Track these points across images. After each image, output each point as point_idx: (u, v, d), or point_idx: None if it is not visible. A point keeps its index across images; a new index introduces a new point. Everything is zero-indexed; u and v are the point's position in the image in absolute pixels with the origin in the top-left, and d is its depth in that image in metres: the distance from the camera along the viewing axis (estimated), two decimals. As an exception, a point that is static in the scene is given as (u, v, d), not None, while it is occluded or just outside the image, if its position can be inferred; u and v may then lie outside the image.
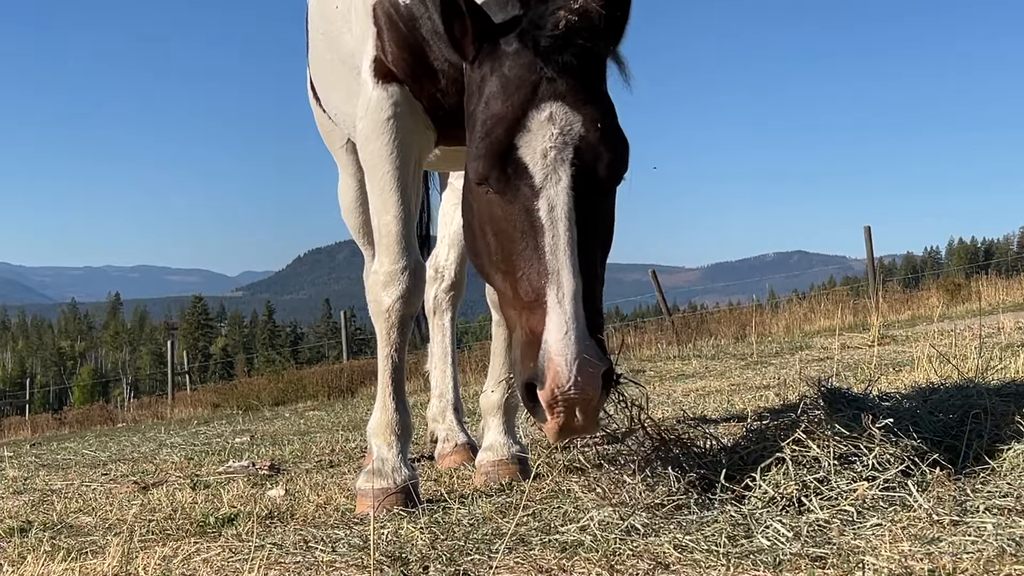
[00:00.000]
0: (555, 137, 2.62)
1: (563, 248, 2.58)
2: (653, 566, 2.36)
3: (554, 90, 2.65)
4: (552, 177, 2.61)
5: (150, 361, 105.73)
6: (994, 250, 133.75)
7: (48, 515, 4.27)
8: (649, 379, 9.62)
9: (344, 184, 4.92)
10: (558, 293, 2.54)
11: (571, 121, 2.64)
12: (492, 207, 2.71)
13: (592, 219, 2.67)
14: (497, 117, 2.66)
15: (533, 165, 2.62)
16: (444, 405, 4.94)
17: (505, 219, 2.67)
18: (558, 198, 2.61)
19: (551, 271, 2.57)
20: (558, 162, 2.61)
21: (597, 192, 2.69)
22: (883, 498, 2.65)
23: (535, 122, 2.63)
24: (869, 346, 10.13)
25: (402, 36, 3.39)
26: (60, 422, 24.78)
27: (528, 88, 2.66)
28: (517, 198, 2.64)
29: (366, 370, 18.69)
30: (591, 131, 2.64)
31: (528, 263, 2.62)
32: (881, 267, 47.57)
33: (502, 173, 2.65)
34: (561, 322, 2.50)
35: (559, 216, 2.60)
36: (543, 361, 2.49)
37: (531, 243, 2.62)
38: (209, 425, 12.16)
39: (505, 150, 2.64)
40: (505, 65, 2.72)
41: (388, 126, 3.48)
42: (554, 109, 2.64)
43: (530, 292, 2.60)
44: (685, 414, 5.82)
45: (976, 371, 4.64)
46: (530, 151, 2.62)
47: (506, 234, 2.68)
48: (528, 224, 2.63)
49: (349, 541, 2.89)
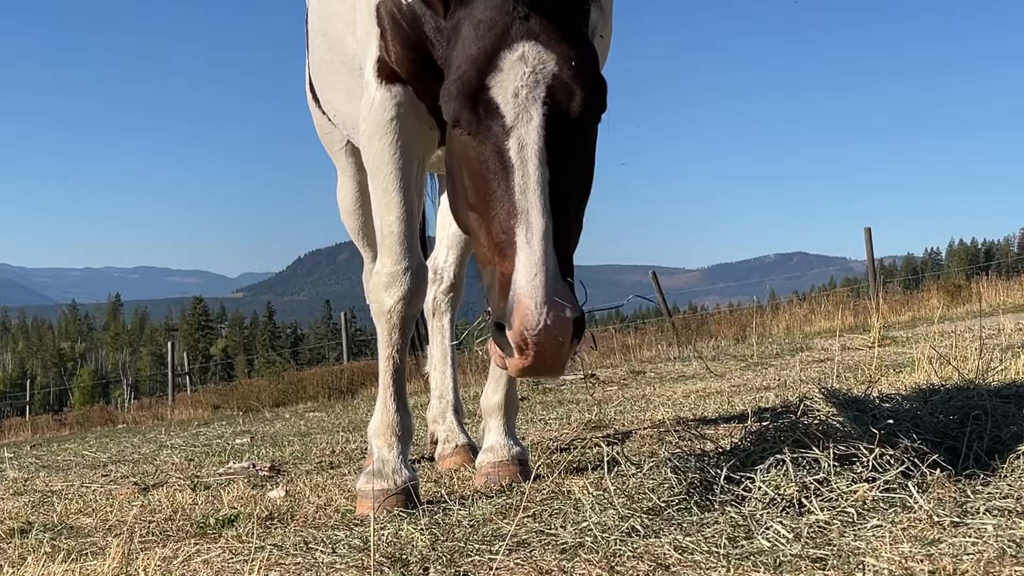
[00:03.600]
0: (526, 76, 2.59)
1: (533, 188, 2.54)
2: (653, 567, 2.36)
3: (527, 29, 2.63)
4: (523, 116, 2.59)
5: (150, 362, 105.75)
6: (994, 251, 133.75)
7: (48, 516, 4.27)
8: (649, 380, 9.63)
9: (343, 186, 4.92)
10: (527, 233, 2.50)
11: (543, 60, 2.61)
12: (466, 149, 2.68)
13: (566, 158, 2.64)
14: (470, 58, 2.64)
15: (504, 105, 2.59)
16: (444, 406, 4.94)
17: (478, 160, 2.64)
18: (528, 137, 2.58)
19: (520, 211, 2.53)
20: (529, 101, 2.59)
21: (571, 131, 2.65)
22: (883, 499, 2.65)
23: (507, 62, 2.61)
24: (869, 347, 10.12)
25: (405, 36, 3.39)
26: (60, 423, 24.79)
27: (500, 29, 2.64)
28: (488, 138, 2.61)
29: (366, 371, 18.69)
30: (564, 69, 2.61)
31: (499, 203, 2.58)
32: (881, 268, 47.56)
33: (473, 114, 2.62)
34: (530, 263, 2.46)
35: (529, 156, 2.57)
36: (512, 302, 2.45)
37: (502, 183, 2.58)
38: (209, 426, 12.15)
39: (476, 90, 2.61)
40: (477, 8, 2.69)
41: (391, 127, 3.48)
42: (526, 48, 2.61)
43: (500, 233, 2.56)
44: (685, 416, 5.83)
45: (976, 372, 4.64)
46: (501, 91, 2.60)
47: (479, 175, 2.65)
48: (499, 164, 2.60)
49: (349, 542, 2.89)
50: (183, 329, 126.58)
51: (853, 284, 49.87)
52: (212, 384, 40.63)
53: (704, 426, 5.16)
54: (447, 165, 2.88)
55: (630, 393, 8.26)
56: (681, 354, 12.82)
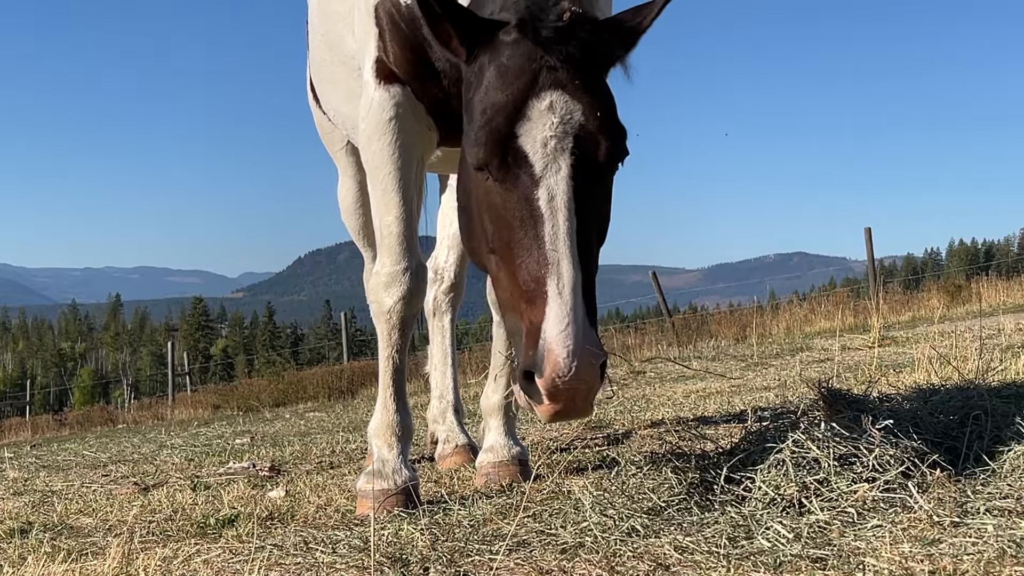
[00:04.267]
0: (555, 126, 2.62)
1: (563, 238, 2.58)
2: (653, 567, 2.36)
3: (554, 79, 2.65)
4: (552, 166, 2.61)
5: (150, 362, 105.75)
6: (995, 251, 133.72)
7: (48, 516, 4.27)
8: (650, 380, 9.62)
9: (344, 186, 4.92)
10: (559, 284, 2.54)
11: (571, 110, 2.63)
12: (491, 194, 2.70)
13: (589, 205, 2.67)
14: (497, 105, 2.66)
15: (533, 154, 2.62)
16: (444, 406, 4.94)
17: (504, 207, 2.67)
18: (558, 187, 2.61)
19: (551, 261, 2.56)
20: (558, 151, 2.62)
21: (595, 179, 2.69)
22: (883, 499, 2.65)
23: (535, 111, 2.63)
24: (869, 347, 10.13)
25: (404, 37, 3.40)
26: (60, 423, 24.79)
27: (528, 76, 2.66)
28: (517, 186, 2.64)
29: (366, 371, 18.69)
30: (590, 120, 2.65)
31: (527, 252, 2.61)
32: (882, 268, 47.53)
33: (502, 161, 2.64)
34: (562, 313, 2.50)
35: (559, 206, 2.60)
36: (542, 351, 2.49)
37: (531, 232, 2.61)
38: (209, 426, 12.16)
39: (505, 138, 2.63)
40: (504, 54, 2.71)
41: (390, 127, 3.48)
42: (554, 98, 2.63)
43: (529, 281, 2.59)
44: (685, 416, 5.83)
45: (976, 372, 4.64)
46: (530, 140, 2.62)
47: (504, 221, 2.67)
48: (528, 213, 2.62)
49: (349, 542, 2.89)
50: (183, 329, 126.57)
51: (853, 284, 49.87)
52: (212, 384, 40.62)
53: (704, 426, 5.16)
54: (463, 203, 2.90)
55: (630, 393, 8.25)
56: (681, 354, 12.82)
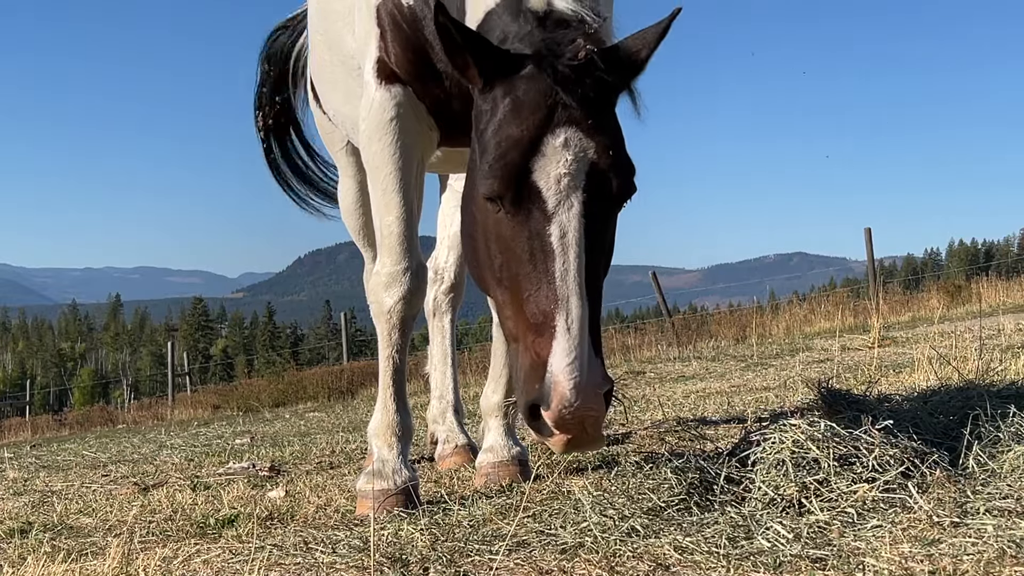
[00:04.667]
0: (569, 163, 2.64)
1: (573, 275, 2.61)
2: (653, 567, 2.36)
3: (569, 116, 2.67)
4: (565, 203, 2.64)
5: (150, 362, 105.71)
6: (994, 252, 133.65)
7: (48, 516, 4.27)
8: (649, 381, 9.63)
9: (344, 186, 4.92)
10: (567, 319, 2.57)
11: (585, 147, 2.66)
12: (501, 226, 2.72)
13: (597, 241, 2.72)
14: (513, 139, 2.67)
15: (547, 190, 2.64)
16: (444, 407, 4.94)
17: (514, 239, 2.69)
18: (570, 224, 2.63)
19: (560, 297, 2.59)
20: (571, 188, 2.64)
21: (604, 215, 2.72)
22: (883, 500, 2.65)
23: (550, 147, 2.65)
24: (869, 348, 10.13)
25: (405, 37, 3.40)
26: (60, 423, 24.80)
27: (544, 112, 2.67)
28: (529, 221, 2.66)
29: (366, 371, 18.70)
30: (603, 158, 2.67)
31: (536, 286, 2.64)
32: (881, 269, 47.53)
33: (516, 195, 2.66)
34: (569, 347, 2.53)
35: (570, 242, 2.63)
36: (549, 384, 2.52)
37: (540, 266, 2.64)
38: (209, 426, 12.16)
39: (520, 173, 2.65)
40: (520, 88, 2.73)
41: (391, 127, 3.48)
42: (569, 135, 2.65)
43: (537, 314, 2.62)
44: (685, 416, 5.83)
45: (976, 373, 4.64)
46: (544, 176, 2.64)
47: (514, 254, 2.70)
48: (539, 247, 2.65)
49: (349, 542, 2.89)
50: (183, 329, 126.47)
51: (853, 284, 49.87)
52: (212, 384, 40.60)
53: (704, 426, 5.16)
54: (469, 231, 2.91)
55: (630, 393, 8.26)
56: (681, 354, 12.82)
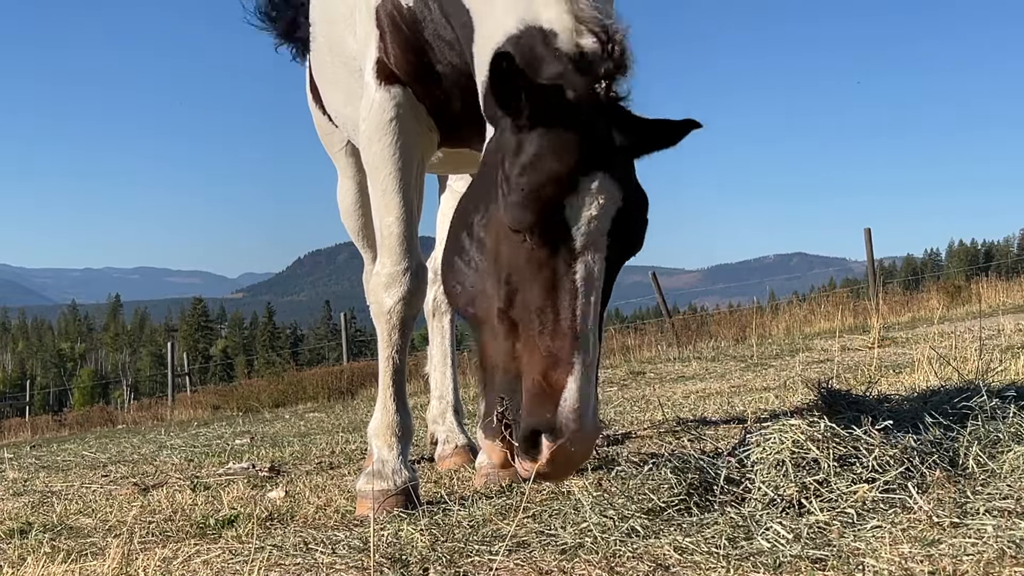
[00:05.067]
0: (601, 206, 2.65)
1: (592, 315, 2.65)
2: (653, 568, 2.36)
3: (603, 159, 2.69)
4: (592, 245, 2.65)
5: (150, 363, 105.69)
6: (994, 252, 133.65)
7: (48, 517, 4.27)
8: (649, 381, 9.63)
9: (343, 187, 4.93)
10: (584, 358, 2.59)
11: (615, 193, 2.67)
12: (521, 258, 2.70)
13: (607, 285, 2.76)
14: (549, 174, 2.65)
15: (576, 229, 2.64)
16: (444, 407, 4.94)
17: (535, 272, 2.68)
18: (595, 266, 2.66)
19: (581, 335, 2.61)
20: (599, 232, 2.65)
21: (617, 262, 2.75)
22: (883, 500, 2.65)
23: (585, 188, 2.65)
24: (869, 348, 10.14)
25: (405, 39, 3.40)
26: (60, 424, 24.77)
27: (581, 152, 2.67)
28: (556, 257, 2.66)
29: (366, 372, 18.69)
30: (628, 204, 2.70)
31: (555, 321, 2.64)
32: (881, 269, 47.51)
33: (544, 229, 2.65)
34: (583, 388, 2.56)
35: (593, 284, 2.66)
36: (563, 418, 2.53)
37: (563, 302, 2.64)
38: (209, 427, 12.15)
39: (553, 208, 2.65)
40: (559, 127, 2.70)
41: (391, 127, 3.49)
42: (603, 180, 2.67)
43: (551, 347, 2.62)
44: (685, 416, 5.83)
45: (976, 373, 4.64)
46: (575, 215, 2.64)
47: (533, 287, 2.69)
48: (563, 285, 2.66)
49: (349, 543, 2.89)
50: (183, 329, 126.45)
51: (853, 285, 49.83)
52: (212, 385, 40.55)
53: (704, 426, 5.16)
54: (462, 256, 2.89)
55: (630, 394, 8.26)
56: (681, 355, 12.82)
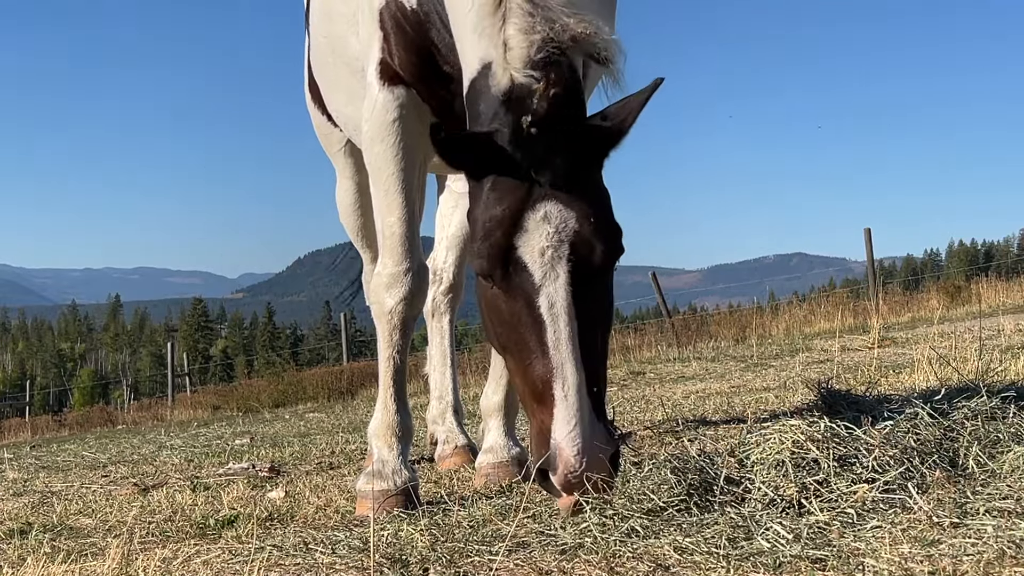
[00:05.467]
0: (551, 236, 2.73)
1: (565, 342, 2.71)
2: (653, 568, 2.36)
3: (546, 191, 2.75)
4: (550, 275, 2.73)
5: (150, 363, 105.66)
6: (994, 252, 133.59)
7: (48, 517, 4.27)
8: (649, 381, 9.63)
9: (342, 187, 4.92)
10: (564, 386, 2.68)
11: (565, 218, 2.74)
12: (495, 300, 2.83)
13: (590, 304, 2.79)
14: (496, 219, 2.76)
15: (532, 264, 2.73)
16: (444, 407, 4.94)
17: (509, 313, 2.80)
18: (557, 295, 2.73)
19: (555, 365, 2.70)
20: (555, 260, 2.73)
21: (592, 279, 2.80)
22: (883, 500, 2.64)
23: (531, 222, 2.74)
24: (869, 348, 10.13)
25: (409, 40, 3.40)
26: (60, 424, 24.75)
27: (522, 190, 2.75)
28: (519, 295, 2.76)
29: (366, 372, 18.69)
30: (584, 225, 2.75)
31: (533, 355, 2.75)
32: (881, 269, 47.53)
33: (504, 272, 2.76)
34: (568, 415, 2.66)
35: (559, 312, 2.72)
36: (554, 451, 2.65)
37: (534, 336, 2.75)
38: (209, 427, 12.15)
39: (505, 250, 2.75)
40: (496, 169, 2.79)
41: (393, 128, 3.49)
42: (548, 208, 2.74)
43: (537, 383, 2.74)
44: (685, 416, 5.82)
45: (976, 373, 4.64)
46: (528, 250, 2.73)
47: (510, 326, 2.81)
48: (531, 319, 2.75)
49: (349, 543, 2.89)
50: (183, 330, 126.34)
51: (853, 285, 49.85)
52: (212, 385, 40.54)
53: (704, 427, 5.16)
54: (477, 297, 3.00)
55: (630, 394, 8.26)
56: (681, 355, 12.82)
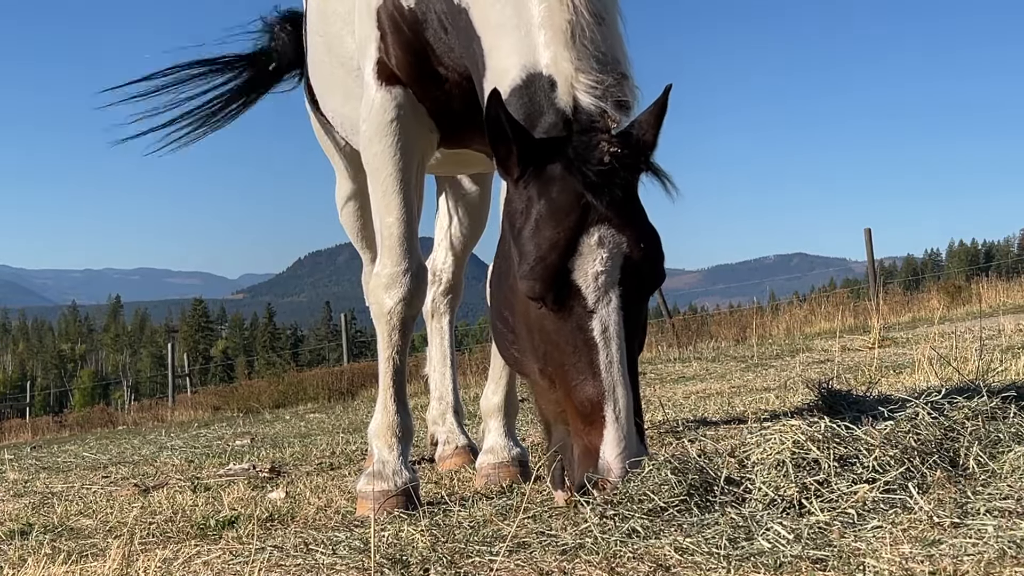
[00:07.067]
0: (605, 261, 2.79)
1: (617, 365, 2.78)
2: (654, 568, 2.36)
3: (600, 213, 2.81)
4: (604, 299, 2.79)
5: (150, 364, 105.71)
6: (994, 252, 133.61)
7: (48, 518, 4.27)
8: (650, 381, 9.63)
9: (341, 187, 4.92)
10: (615, 408, 2.75)
11: (618, 243, 2.80)
12: (544, 321, 2.86)
13: (634, 327, 2.87)
14: (550, 242, 2.80)
15: (586, 287, 2.79)
16: (444, 408, 4.94)
17: (558, 334, 2.84)
18: (610, 319, 2.79)
19: (607, 388, 2.76)
20: (608, 285, 2.79)
21: (639, 303, 2.89)
22: (884, 500, 2.64)
23: (586, 246, 2.79)
24: (870, 348, 10.13)
25: (406, 40, 3.40)
26: (60, 425, 24.76)
27: (577, 214, 2.80)
28: (571, 317, 2.81)
29: (366, 372, 18.69)
30: (635, 251, 2.82)
31: (583, 376, 2.80)
32: (882, 269, 47.52)
33: (557, 295, 2.80)
34: (619, 437, 2.74)
35: (612, 335, 2.79)
36: (603, 471, 2.75)
37: (585, 359, 2.79)
38: (209, 428, 12.16)
39: (560, 273, 2.79)
40: (553, 190, 2.84)
41: (391, 128, 3.49)
42: (603, 232, 2.80)
43: (586, 404, 2.78)
44: (685, 417, 5.83)
45: (976, 373, 4.63)
46: (582, 274, 2.79)
47: (559, 347, 2.84)
48: (583, 342, 2.80)
49: (349, 544, 2.89)
50: (183, 330, 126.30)
51: (853, 285, 49.85)
52: (212, 385, 40.55)
53: (704, 427, 5.16)
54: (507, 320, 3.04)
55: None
56: (681, 355, 12.82)
